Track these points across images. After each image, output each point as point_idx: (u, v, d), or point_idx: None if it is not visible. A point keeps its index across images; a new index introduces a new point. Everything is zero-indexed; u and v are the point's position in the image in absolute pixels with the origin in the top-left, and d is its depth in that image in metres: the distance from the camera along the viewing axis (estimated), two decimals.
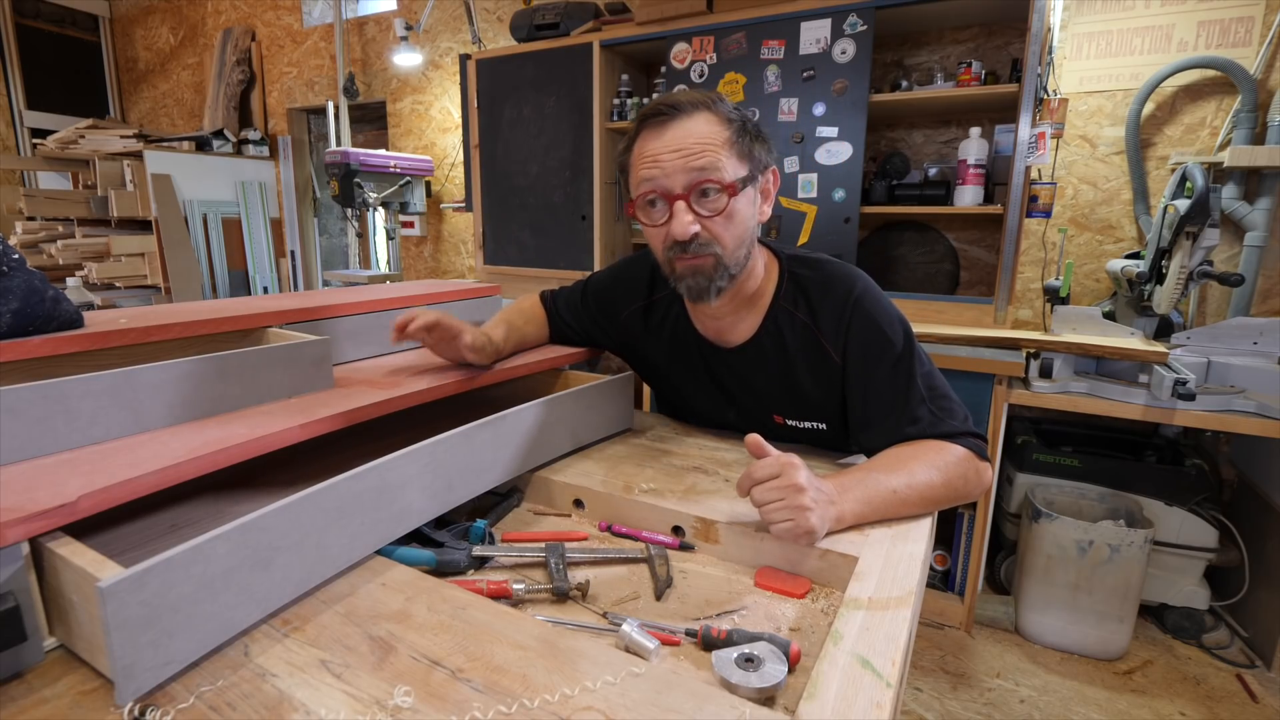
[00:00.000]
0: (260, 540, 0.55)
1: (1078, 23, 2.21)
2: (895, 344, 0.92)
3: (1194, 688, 1.77)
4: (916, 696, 1.73)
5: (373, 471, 0.66)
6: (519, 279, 2.99)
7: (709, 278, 0.91)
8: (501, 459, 0.85)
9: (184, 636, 0.51)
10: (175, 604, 0.50)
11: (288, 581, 0.59)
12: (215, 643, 0.54)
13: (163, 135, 3.90)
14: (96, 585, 0.45)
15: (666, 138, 0.86)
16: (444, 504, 0.77)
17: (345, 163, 3.09)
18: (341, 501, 0.63)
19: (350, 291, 1.29)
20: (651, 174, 0.87)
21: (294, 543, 0.59)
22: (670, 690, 0.50)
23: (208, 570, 0.52)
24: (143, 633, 0.48)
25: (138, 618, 0.47)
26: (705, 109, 0.87)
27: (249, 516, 0.55)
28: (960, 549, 1.98)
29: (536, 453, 0.91)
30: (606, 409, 1.05)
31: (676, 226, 0.87)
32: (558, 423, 0.94)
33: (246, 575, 0.55)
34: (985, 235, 2.37)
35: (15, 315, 0.75)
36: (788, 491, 0.70)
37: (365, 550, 0.68)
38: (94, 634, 0.50)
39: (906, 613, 0.59)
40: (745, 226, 0.91)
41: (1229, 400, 1.70)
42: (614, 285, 1.17)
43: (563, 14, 2.66)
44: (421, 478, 0.73)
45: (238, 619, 0.55)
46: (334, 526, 0.63)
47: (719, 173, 0.85)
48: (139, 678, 0.48)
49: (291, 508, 0.58)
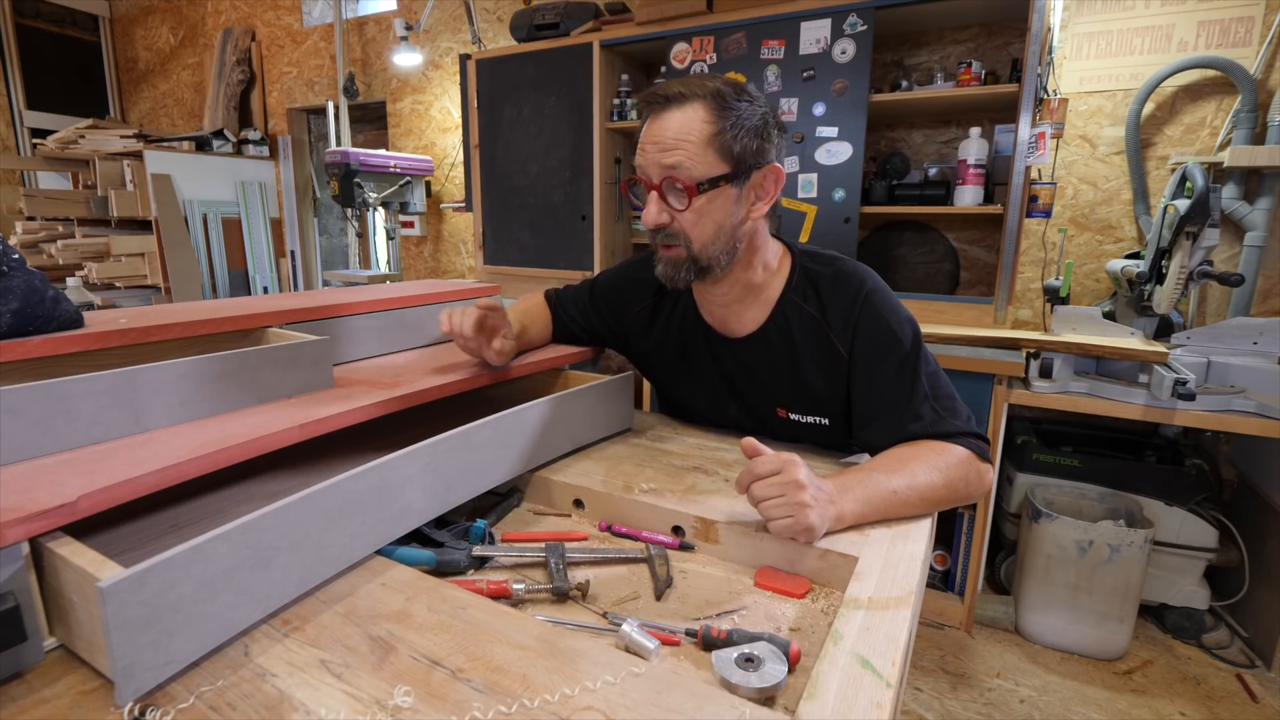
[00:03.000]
0: (261, 540, 0.56)
1: (1078, 23, 2.21)
2: (903, 342, 0.93)
3: (1194, 688, 1.77)
4: (916, 696, 1.73)
5: (373, 471, 0.66)
6: (519, 279, 2.99)
7: (677, 267, 0.94)
8: (502, 459, 0.85)
9: (184, 636, 0.51)
10: (175, 604, 0.50)
11: (288, 581, 0.59)
12: (215, 643, 0.54)
13: (163, 135, 3.89)
14: (96, 585, 0.45)
15: (655, 126, 0.89)
16: (444, 504, 0.77)
17: (345, 163, 3.09)
18: (342, 501, 0.63)
19: (350, 291, 1.29)
20: (639, 161, 0.91)
21: (294, 542, 0.59)
22: (670, 690, 0.50)
23: (208, 570, 0.52)
24: (143, 633, 0.48)
25: (138, 618, 0.47)
26: (699, 100, 0.86)
27: (249, 516, 0.55)
28: (960, 549, 1.98)
29: (537, 453, 0.91)
30: (607, 409, 1.05)
31: (645, 215, 0.91)
32: (558, 423, 0.94)
33: (247, 575, 0.55)
34: (985, 235, 2.37)
35: (15, 315, 0.75)
36: (788, 488, 0.70)
37: (365, 550, 0.68)
38: (94, 634, 0.50)
39: (906, 613, 0.59)
40: (717, 224, 0.91)
41: (1229, 400, 1.70)
42: (621, 284, 1.18)
43: (563, 14, 2.66)
44: (422, 478, 0.73)
45: (238, 619, 0.55)
46: (334, 526, 0.63)
47: (685, 171, 0.87)
48: (139, 678, 0.48)
49: (292, 508, 0.58)
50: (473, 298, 1.38)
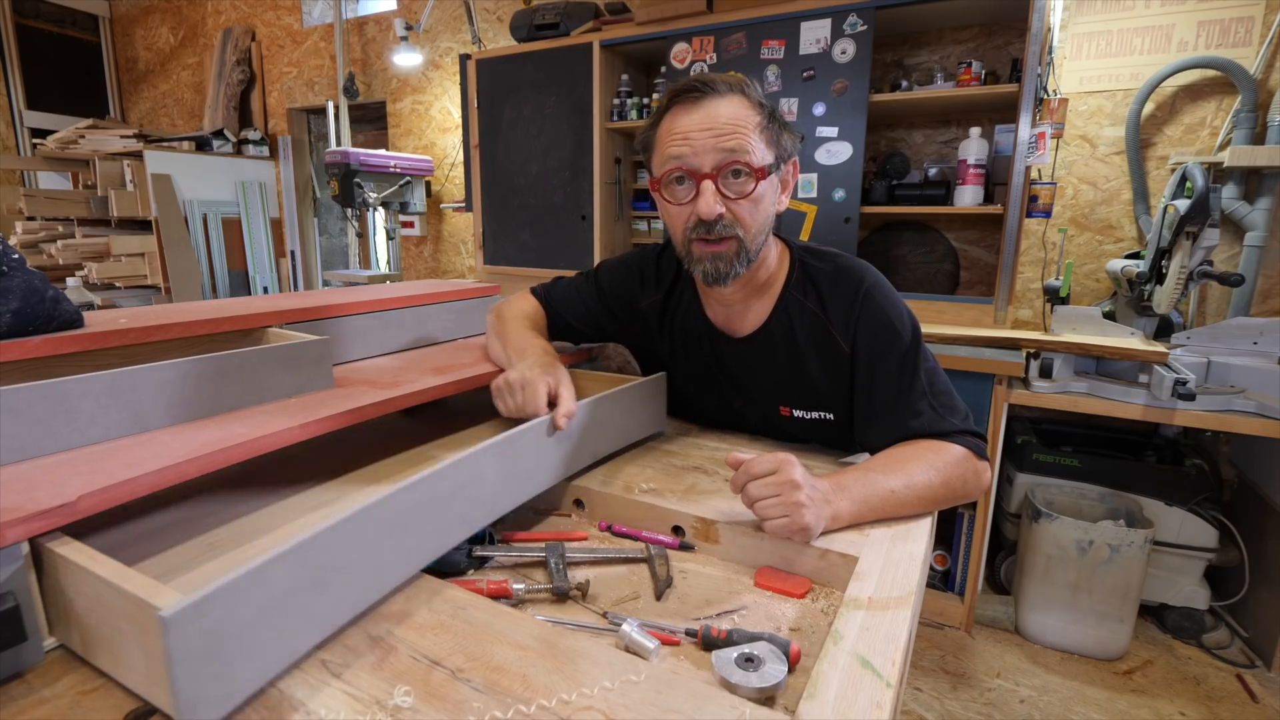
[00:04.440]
0: (318, 560, 0.52)
1: (1078, 23, 2.21)
2: (903, 338, 0.93)
3: (1194, 688, 1.77)
4: (916, 696, 1.73)
5: (425, 482, 0.62)
6: (519, 279, 2.99)
7: (729, 262, 0.90)
8: (545, 465, 0.81)
9: (245, 666, 0.47)
10: (237, 631, 0.46)
11: (344, 603, 0.56)
12: (275, 672, 0.50)
13: (163, 135, 3.90)
14: (158, 614, 0.41)
15: (698, 116, 0.86)
16: (490, 513, 0.72)
17: (345, 163, 3.09)
18: (396, 515, 0.59)
19: (350, 291, 1.29)
20: (680, 151, 0.86)
21: (350, 561, 0.55)
22: (670, 690, 0.50)
23: (268, 594, 0.48)
24: (206, 664, 0.44)
25: (201, 648, 0.44)
26: (738, 92, 0.87)
27: (306, 535, 0.51)
28: (960, 549, 1.98)
29: (577, 458, 0.87)
30: (643, 411, 1.02)
31: (703, 205, 0.86)
32: (597, 426, 0.90)
33: (305, 598, 0.51)
34: (985, 235, 2.37)
35: (15, 315, 0.75)
36: (783, 488, 0.70)
37: (416, 567, 0.63)
38: (147, 665, 0.47)
39: (906, 613, 0.59)
40: (767, 213, 0.91)
41: (1229, 400, 1.70)
42: (629, 275, 1.14)
43: (563, 14, 2.66)
44: (470, 487, 0.69)
45: (297, 645, 0.52)
46: (388, 542, 0.59)
47: (749, 155, 0.85)
48: (203, 711, 0.45)
49: (348, 524, 0.54)
50: (473, 298, 1.38)
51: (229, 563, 0.66)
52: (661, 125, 0.90)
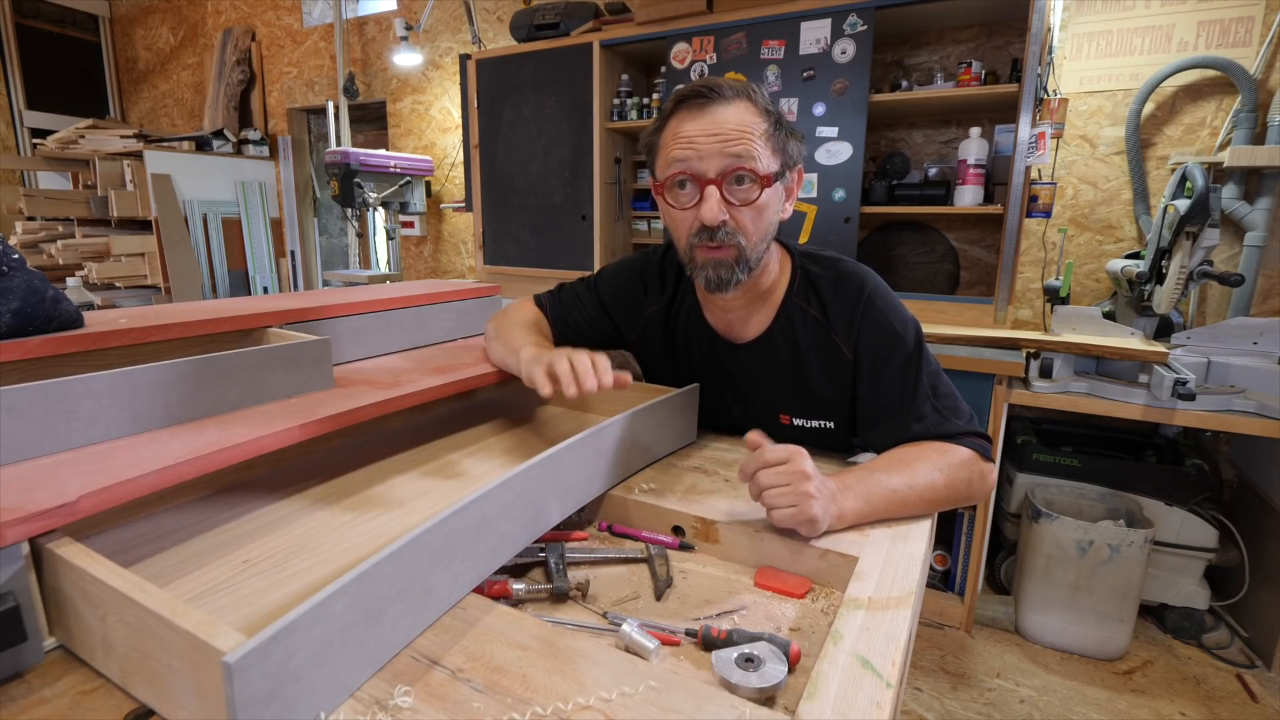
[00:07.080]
0: (374, 591, 0.51)
1: (1078, 23, 2.21)
2: (906, 342, 0.93)
3: (1194, 688, 1.77)
4: (916, 696, 1.73)
5: (474, 505, 0.61)
6: (519, 279, 2.99)
7: (730, 269, 0.89)
8: (585, 480, 0.80)
9: (304, 708, 0.46)
10: (297, 672, 0.45)
11: (396, 633, 0.54)
12: (331, 709, 0.48)
13: (163, 135, 3.90)
14: (223, 661, 0.40)
15: (704, 120, 0.85)
16: (533, 532, 0.71)
17: (345, 163, 3.09)
18: (447, 540, 0.58)
19: (350, 291, 1.29)
20: (685, 155, 0.86)
21: (403, 590, 0.54)
22: (670, 690, 0.50)
23: (327, 630, 0.47)
24: (267, 707, 0.43)
25: (263, 692, 0.42)
26: (745, 98, 0.87)
27: (362, 567, 0.49)
28: (960, 549, 1.98)
29: (614, 472, 0.86)
30: (676, 423, 1.00)
31: (706, 211, 0.85)
32: (632, 439, 0.89)
33: (361, 630, 0.50)
34: (985, 235, 2.37)
35: (15, 315, 0.75)
36: (794, 478, 0.70)
37: (464, 590, 0.62)
38: (202, 709, 0.45)
39: (906, 613, 0.59)
40: (770, 222, 0.90)
41: (1229, 400, 1.70)
42: (633, 280, 1.13)
43: (563, 14, 2.66)
44: (515, 507, 0.67)
45: (352, 680, 0.50)
46: (439, 568, 0.58)
47: (754, 162, 0.84)
48: None
49: (402, 552, 0.53)
50: (473, 298, 1.38)
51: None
52: (666, 129, 0.89)
